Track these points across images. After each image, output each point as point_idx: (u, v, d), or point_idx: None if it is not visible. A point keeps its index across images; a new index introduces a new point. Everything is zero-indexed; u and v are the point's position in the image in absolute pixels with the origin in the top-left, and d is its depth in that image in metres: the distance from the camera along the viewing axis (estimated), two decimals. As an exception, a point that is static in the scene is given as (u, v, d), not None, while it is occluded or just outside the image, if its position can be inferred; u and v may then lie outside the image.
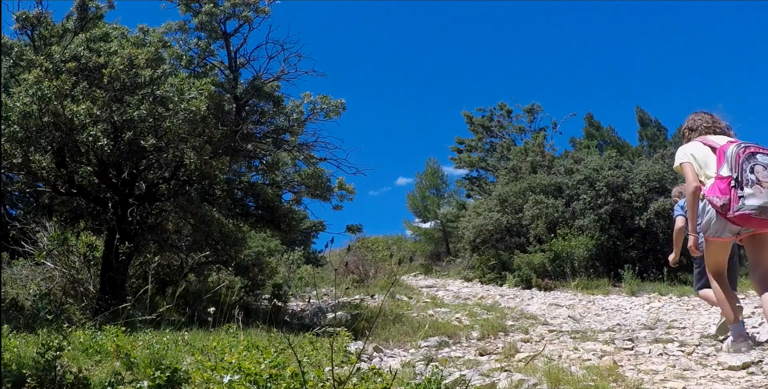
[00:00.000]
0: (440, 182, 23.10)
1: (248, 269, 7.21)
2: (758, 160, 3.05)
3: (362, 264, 12.72)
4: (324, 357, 3.10)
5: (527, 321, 6.14)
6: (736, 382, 2.88)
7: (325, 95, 8.00)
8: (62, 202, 6.95)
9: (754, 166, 3.03)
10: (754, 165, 3.03)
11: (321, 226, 9.81)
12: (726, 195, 3.08)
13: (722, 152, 3.21)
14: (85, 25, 6.31)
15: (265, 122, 8.16)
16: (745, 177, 3.04)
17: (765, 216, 3.00)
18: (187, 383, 2.36)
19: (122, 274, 5.80)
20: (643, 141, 21.15)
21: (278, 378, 2.17)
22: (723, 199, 3.10)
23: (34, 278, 5.85)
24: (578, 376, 2.98)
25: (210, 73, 8.11)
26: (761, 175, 2.99)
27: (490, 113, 21.78)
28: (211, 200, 6.82)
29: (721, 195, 3.10)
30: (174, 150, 5.77)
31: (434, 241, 22.26)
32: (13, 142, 5.08)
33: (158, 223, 6.73)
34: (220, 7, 7.80)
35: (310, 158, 8.26)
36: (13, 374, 2.50)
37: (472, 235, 14.30)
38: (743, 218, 3.08)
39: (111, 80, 5.40)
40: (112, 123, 5.45)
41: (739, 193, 3.04)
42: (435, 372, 2.43)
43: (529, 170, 15.53)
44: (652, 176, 12.29)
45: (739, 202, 3.04)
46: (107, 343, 3.22)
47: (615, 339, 4.43)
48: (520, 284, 12.19)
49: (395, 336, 5.03)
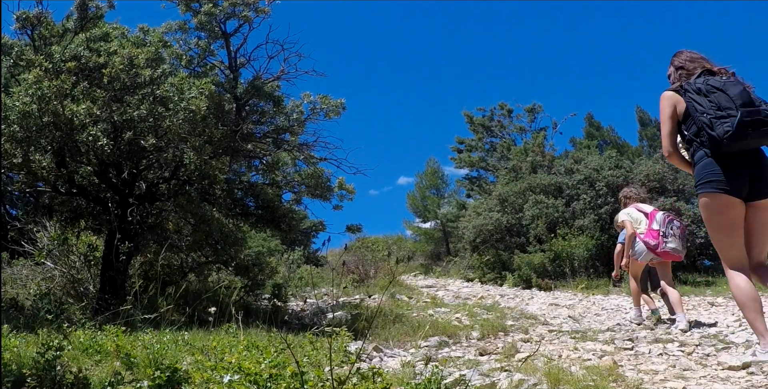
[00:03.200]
0: (440, 181, 23.09)
1: (248, 269, 7.21)
2: (674, 224, 5.30)
3: (362, 264, 12.72)
4: (324, 357, 3.10)
5: (527, 321, 6.13)
6: (736, 382, 2.88)
7: (325, 95, 8.01)
8: (62, 202, 6.95)
9: (671, 227, 5.25)
10: (672, 226, 5.26)
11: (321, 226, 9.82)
12: (656, 240, 5.25)
13: (653, 216, 5.38)
14: (85, 25, 6.31)
15: (265, 122, 8.16)
16: (668, 232, 5.24)
17: (675, 253, 5.28)
18: (187, 383, 2.36)
19: (122, 274, 5.79)
20: (643, 141, 21.16)
21: (278, 378, 2.17)
22: (655, 241, 5.26)
23: (34, 278, 5.85)
24: (578, 376, 2.98)
25: (210, 73, 8.12)
26: (675, 232, 5.24)
27: (491, 112, 21.78)
28: (211, 200, 6.82)
29: (653, 239, 5.27)
30: (174, 150, 5.78)
31: (434, 241, 22.25)
32: (13, 142, 5.08)
33: (158, 223, 6.73)
34: (219, 7, 7.80)
35: (310, 158, 8.26)
36: (13, 374, 2.50)
37: (472, 235, 14.31)
38: (665, 253, 5.29)
39: (111, 80, 5.40)
40: (112, 123, 5.45)
41: (664, 240, 5.23)
42: (435, 372, 2.43)
43: (529, 170, 15.54)
44: (653, 176, 12.29)
45: (664, 244, 5.23)
46: (107, 343, 3.22)
47: (615, 339, 4.43)
48: (520, 284, 12.19)
49: (395, 336, 5.03)
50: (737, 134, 3.02)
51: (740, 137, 3.03)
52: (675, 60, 3.56)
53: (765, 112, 3.05)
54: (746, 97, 3.10)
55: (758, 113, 3.03)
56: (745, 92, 3.13)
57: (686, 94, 3.28)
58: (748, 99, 3.09)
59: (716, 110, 3.12)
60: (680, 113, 3.35)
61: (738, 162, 3.15)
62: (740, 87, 3.16)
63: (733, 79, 3.24)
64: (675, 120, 3.39)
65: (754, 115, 3.03)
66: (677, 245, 5.21)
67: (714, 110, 3.12)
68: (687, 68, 3.44)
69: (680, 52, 3.57)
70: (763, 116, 3.04)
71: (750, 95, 3.13)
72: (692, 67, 3.43)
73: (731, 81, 3.21)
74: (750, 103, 3.08)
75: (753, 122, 3.01)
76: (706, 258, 12.45)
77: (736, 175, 3.13)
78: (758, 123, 3.01)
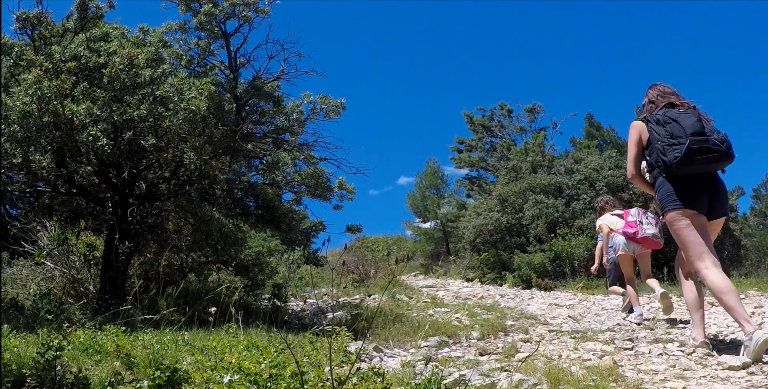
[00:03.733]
0: (440, 181, 23.09)
1: (248, 269, 7.20)
2: (648, 214, 5.69)
3: (362, 264, 12.73)
4: (324, 356, 3.10)
5: (527, 321, 6.13)
6: (736, 382, 2.88)
7: (325, 95, 8.00)
8: (62, 202, 6.95)
9: (647, 216, 5.68)
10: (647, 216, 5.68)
11: (321, 226, 9.82)
12: (634, 228, 5.65)
13: (627, 212, 5.89)
14: (85, 25, 6.31)
15: (265, 122, 8.16)
16: (644, 220, 5.64)
17: (654, 239, 5.58)
18: (187, 383, 2.36)
19: (122, 274, 5.79)
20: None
21: (278, 377, 2.17)
22: (633, 229, 5.65)
23: (34, 278, 5.85)
24: (578, 376, 2.98)
25: (210, 73, 8.11)
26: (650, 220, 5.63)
27: (491, 112, 21.77)
28: (211, 200, 6.82)
29: (632, 228, 5.67)
30: (174, 150, 5.77)
31: (434, 241, 22.25)
32: (13, 142, 5.08)
33: (158, 223, 6.73)
34: (219, 7, 7.80)
35: (310, 158, 8.26)
36: (13, 374, 2.50)
37: (472, 235, 14.30)
38: (645, 239, 5.62)
39: (111, 80, 5.40)
40: (112, 123, 5.44)
41: (642, 227, 5.60)
42: (435, 372, 2.43)
43: (529, 170, 15.53)
44: (652, 176, 12.29)
45: (643, 231, 5.58)
46: (107, 343, 3.22)
47: (615, 339, 4.43)
48: (520, 284, 12.19)
49: (395, 335, 5.02)
50: (684, 159, 3.45)
51: (687, 163, 3.46)
52: (649, 93, 3.98)
53: (713, 140, 3.47)
54: (698, 127, 3.50)
55: (706, 142, 3.46)
56: (698, 123, 3.53)
57: (648, 124, 3.71)
58: (699, 129, 3.50)
59: (669, 138, 3.54)
60: (644, 141, 3.75)
61: (698, 184, 3.56)
62: (694, 119, 3.56)
63: (690, 112, 3.65)
64: (640, 146, 3.80)
65: (702, 143, 3.45)
66: (655, 231, 5.59)
67: (668, 138, 3.55)
68: (656, 103, 3.87)
69: (655, 85, 3.99)
70: (711, 144, 3.46)
71: (702, 126, 3.53)
72: (661, 101, 3.83)
73: (687, 113, 3.62)
74: (700, 132, 3.48)
75: (700, 149, 3.44)
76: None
77: (696, 195, 3.56)
78: (704, 150, 3.44)
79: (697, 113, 3.67)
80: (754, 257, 14.85)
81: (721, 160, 3.50)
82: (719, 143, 3.48)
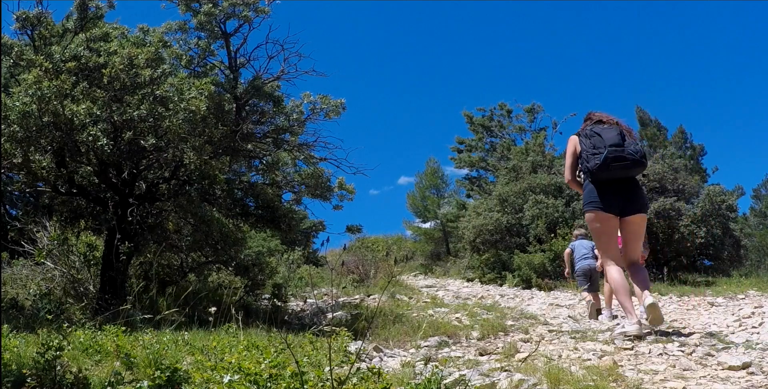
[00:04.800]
0: (440, 181, 23.11)
1: (248, 269, 7.21)
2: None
3: (362, 264, 12.73)
4: (324, 356, 3.10)
5: (527, 321, 6.13)
6: (736, 382, 2.88)
7: (325, 95, 8.00)
8: (62, 202, 6.95)
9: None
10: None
11: (321, 226, 9.80)
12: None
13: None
14: (85, 25, 6.30)
15: (265, 122, 8.15)
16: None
17: None
18: (187, 383, 2.36)
19: (122, 274, 5.79)
20: (643, 141, 21.16)
21: (278, 378, 2.17)
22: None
23: (34, 278, 5.85)
24: (578, 376, 2.98)
25: (210, 73, 8.11)
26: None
27: (491, 112, 21.79)
28: (211, 200, 6.82)
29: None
30: (174, 150, 5.76)
31: (434, 241, 22.26)
32: (13, 142, 5.08)
33: (158, 223, 6.73)
34: (219, 7, 7.79)
35: (310, 158, 8.25)
36: (13, 374, 2.50)
37: (472, 235, 14.30)
38: None
39: (111, 80, 5.40)
40: (112, 123, 5.44)
41: None
42: (435, 372, 2.43)
43: (529, 170, 15.53)
44: (652, 176, 12.28)
45: None
46: (107, 343, 3.22)
47: (615, 339, 4.42)
48: (520, 284, 12.19)
49: (395, 335, 5.02)
50: (602, 166, 4.11)
51: (605, 169, 4.12)
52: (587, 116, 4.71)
53: (628, 151, 4.11)
54: (617, 139, 4.17)
55: (622, 151, 4.11)
56: (618, 137, 4.20)
57: (579, 138, 4.41)
58: (617, 141, 4.16)
59: (592, 149, 4.22)
60: (578, 151, 4.41)
61: (613, 188, 4.20)
62: (614, 132, 4.24)
63: (613, 127, 4.32)
64: (575, 156, 4.47)
65: (618, 152, 4.11)
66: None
67: (591, 149, 4.22)
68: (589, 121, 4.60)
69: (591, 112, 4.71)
70: (626, 153, 4.10)
71: (621, 139, 4.19)
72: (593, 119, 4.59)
73: (609, 128, 4.31)
74: (618, 144, 4.14)
75: (615, 157, 4.10)
76: (706, 258, 12.46)
77: (611, 197, 4.19)
78: (620, 159, 4.10)
79: (620, 127, 4.33)
80: (754, 257, 14.86)
81: (635, 167, 4.14)
82: (633, 153, 4.12)
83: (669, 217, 11.54)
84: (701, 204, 11.84)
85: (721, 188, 12.37)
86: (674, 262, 12.08)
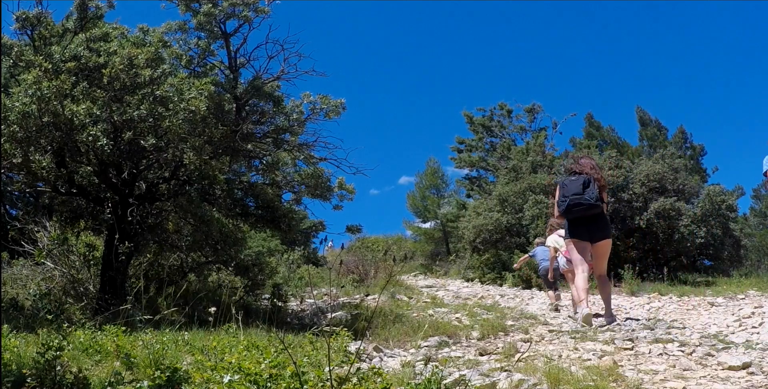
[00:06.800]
0: (440, 181, 23.11)
1: (248, 269, 7.20)
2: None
3: (362, 264, 12.73)
4: (324, 357, 3.10)
5: (527, 321, 6.14)
6: (736, 382, 2.88)
7: (325, 95, 7.99)
8: (62, 202, 6.94)
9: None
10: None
11: (321, 226, 9.78)
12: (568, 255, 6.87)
13: None
14: (85, 25, 6.30)
15: (265, 122, 8.14)
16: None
17: None
18: (187, 383, 2.36)
19: (122, 274, 5.79)
20: (643, 141, 21.18)
21: (278, 378, 2.17)
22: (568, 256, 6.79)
23: (34, 278, 5.85)
24: (578, 376, 2.98)
25: (210, 73, 8.10)
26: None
27: (491, 112, 21.78)
28: (211, 200, 6.82)
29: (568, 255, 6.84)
30: (174, 150, 5.76)
31: (434, 241, 22.26)
32: (13, 142, 5.08)
33: (158, 223, 6.72)
34: (219, 7, 7.79)
35: (310, 158, 8.25)
36: (13, 374, 2.50)
37: (472, 235, 14.30)
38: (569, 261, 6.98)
39: (111, 80, 5.40)
40: (112, 123, 5.44)
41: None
42: (435, 372, 2.43)
43: (529, 169, 15.54)
44: (653, 176, 12.28)
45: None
46: (107, 343, 3.22)
47: (615, 339, 4.42)
48: (520, 284, 12.19)
49: (395, 335, 5.02)
50: (566, 210, 5.54)
51: (569, 212, 5.54)
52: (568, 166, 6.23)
53: (585, 198, 5.43)
54: (578, 189, 5.50)
55: (579, 199, 5.45)
56: (580, 186, 5.51)
57: (559, 185, 5.76)
58: (579, 190, 5.49)
59: (562, 196, 5.59)
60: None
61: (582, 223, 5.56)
62: (578, 183, 5.54)
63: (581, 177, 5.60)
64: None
65: (577, 200, 5.46)
66: None
67: (561, 197, 5.61)
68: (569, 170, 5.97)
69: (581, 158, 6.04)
70: (583, 200, 5.43)
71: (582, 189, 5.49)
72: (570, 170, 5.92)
73: (574, 179, 5.62)
74: (579, 192, 5.48)
75: (575, 204, 5.48)
76: (706, 258, 12.45)
77: (581, 229, 5.58)
78: (578, 205, 5.47)
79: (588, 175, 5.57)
80: (754, 257, 14.85)
81: (590, 209, 5.46)
82: (590, 199, 5.42)
83: (669, 217, 11.54)
84: (701, 204, 11.83)
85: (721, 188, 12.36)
86: (674, 262, 12.07)
